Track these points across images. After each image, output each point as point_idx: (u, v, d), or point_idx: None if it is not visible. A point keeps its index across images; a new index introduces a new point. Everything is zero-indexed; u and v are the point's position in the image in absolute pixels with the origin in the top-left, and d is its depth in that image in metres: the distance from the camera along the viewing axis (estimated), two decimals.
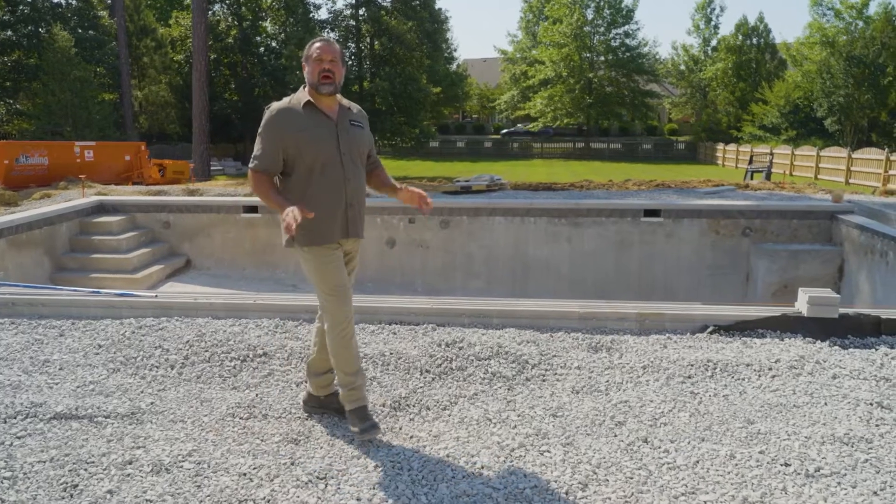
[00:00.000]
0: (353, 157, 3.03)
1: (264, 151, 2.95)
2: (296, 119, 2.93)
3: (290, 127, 2.92)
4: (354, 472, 2.68)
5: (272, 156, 2.94)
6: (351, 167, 3.01)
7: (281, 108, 2.96)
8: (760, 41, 41.27)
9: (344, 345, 2.99)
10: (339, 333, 2.99)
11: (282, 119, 2.93)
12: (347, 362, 3.01)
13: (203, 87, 21.02)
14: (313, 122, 2.94)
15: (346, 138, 3.00)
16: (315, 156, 2.93)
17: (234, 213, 10.80)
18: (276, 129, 2.93)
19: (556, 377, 3.59)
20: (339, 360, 3.01)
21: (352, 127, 3.04)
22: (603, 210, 10.19)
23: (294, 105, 2.96)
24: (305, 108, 2.95)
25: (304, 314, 4.55)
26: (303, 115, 2.94)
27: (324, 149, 2.94)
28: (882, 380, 3.45)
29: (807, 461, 2.67)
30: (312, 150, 2.93)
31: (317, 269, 3.01)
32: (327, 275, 2.99)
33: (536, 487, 2.54)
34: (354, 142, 3.04)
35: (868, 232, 8.78)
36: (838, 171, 22.61)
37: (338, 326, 2.99)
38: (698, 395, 3.31)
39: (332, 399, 3.25)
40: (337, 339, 2.99)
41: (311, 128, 2.93)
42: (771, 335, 4.19)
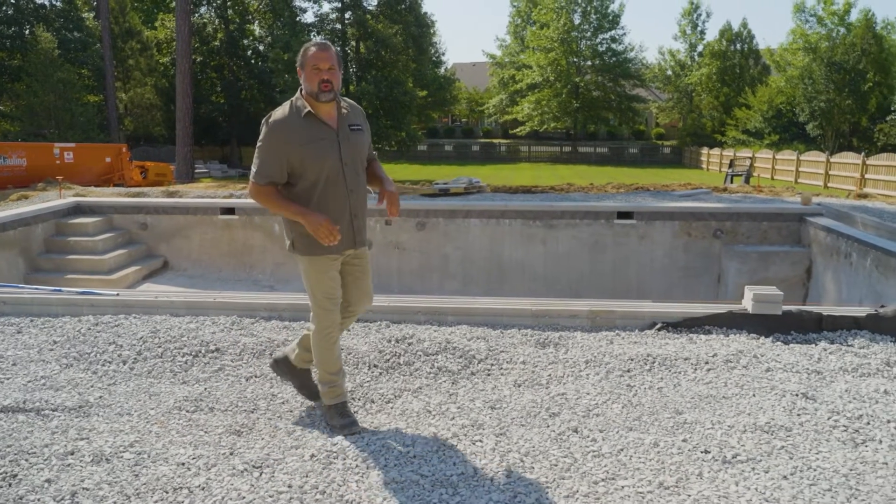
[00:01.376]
0: (355, 167, 3.03)
1: (267, 164, 2.91)
2: (298, 132, 2.89)
3: (293, 140, 2.88)
4: (290, 462, 2.76)
5: (276, 168, 2.91)
6: (353, 177, 3.02)
7: (281, 119, 2.91)
8: (744, 47, 41.70)
9: (328, 348, 3.10)
10: (325, 338, 3.09)
11: (283, 132, 2.89)
12: (330, 363, 3.12)
13: (187, 89, 21.03)
14: (316, 134, 2.91)
15: (347, 147, 2.99)
16: (319, 170, 2.92)
17: (212, 215, 10.85)
18: (278, 143, 2.89)
19: (501, 371, 3.68)
20: (323, 360, 3.11)
21: (352, 133, 3.02)
22: (577, 212, 10.30)
23: (294, 116, 2.91)
24: (306, 119, 2.91)
25: (262, 311, 4.62)
26: (304, 126, 2.90)
27: (327, 163, 2.92)
28: (814, 373, 3.57)
29: (726, 448, 2.78)
30: (317, 164, 2.91)
31: (314, 278, 3.06)
32: (323, 285, 3.05)
33: (463, 475, 2.63)
34: (356, 149, 3.03)
35: (834, 234, 8.93)
36: (817, 174, 22.90)
37: (324, 331, 3.09)
38: (634, 387, 3.41)
39: (304, 374, 3.36)
40: (322, 343, 3.10)
41: (313, 141, 2.90)
42: (717, 331, 4.31)
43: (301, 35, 27.01)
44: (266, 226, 10.75)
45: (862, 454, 2.73)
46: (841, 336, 4.22)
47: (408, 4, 27.76)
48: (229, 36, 34.44)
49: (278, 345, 3.99)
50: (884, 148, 27.08)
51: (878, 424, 2.96)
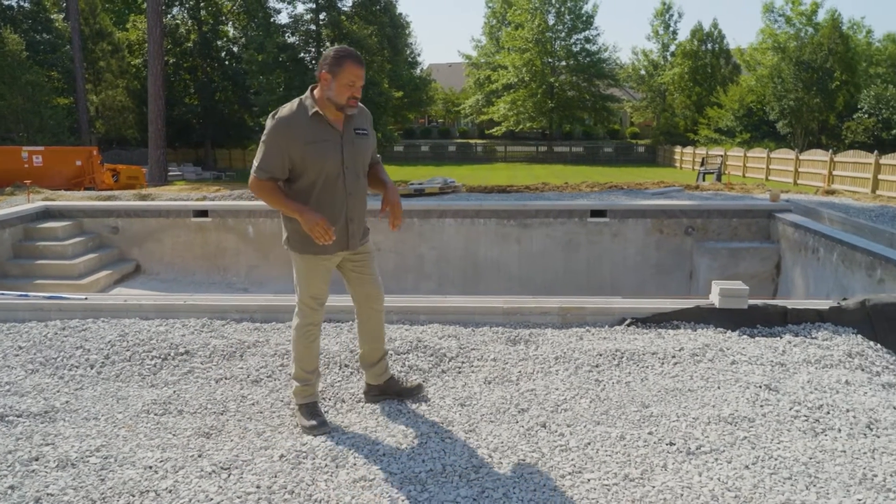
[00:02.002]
0: (356, 170, 3.04)
1: (270, 159, 2.91)
2: (303, 130, 2.89)
3: (297, 138, 2.88)
4: (259, 462, 2.75)
5: (278, 164, 2.92)
6: (353, 181, 3.03)
7: (288, 117, 2.91)
8: (715, 47, 42.31)
9: (307, 345, 3.13)
10: (306, 335, 3.13)
11: (288, 129, 2.89)
12: (307, 361, 3.14)
13: (159, 91, 20.77)
14: (320, 134, 2.92)
15: (350, 151, 2.99)
16: (319, 170, 2.93)
17: (184, 218, 10.74)
18: (282, 139, 2.89)
19: (472, 369, 3.70)
20: (300, 357, 3.14)
21: (357, 137, 3.02)
22: (551, 211, 10.37)
23: (301, 114, 2.91)
24: (313, 119, 2.91)
25: (233, 313, 4.59)
26: (310, 125, 2.91)
27: (328, 163, 2.93)
28: (778, 365, 3.64)
29: (690, 440, 2.83)
30: (317, 164, 2.92)
31: (304, 275, 3.09)
32: (312, 284, 3.09)
33: (432, 471, 2.64)
34: (359, 153, 3.04)
35: (801, 229, 9.11)
36: (787, 171, 23.31)
37: (304, 328, 3.13)
38: (602, 382, 3.46)
39: (391, 384, 3.38)
40: (302, 339, 3.13)
41: (317, 141, 2.90)
42: (685, 326, 4.37)
43: (275, 36, 26.82)
44: (240, 228, 10.67)
45: (821, 443, 2.80)
46: (805, 329, 4.30)
47: (382, 5, 27.72)
48: (202, 37, 34.09)
49: (249, 346, 3.97)
50: (851, 145, 27.65)
51: (837, 414, 3.03)
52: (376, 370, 3.35)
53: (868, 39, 44.75)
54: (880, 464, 2.63)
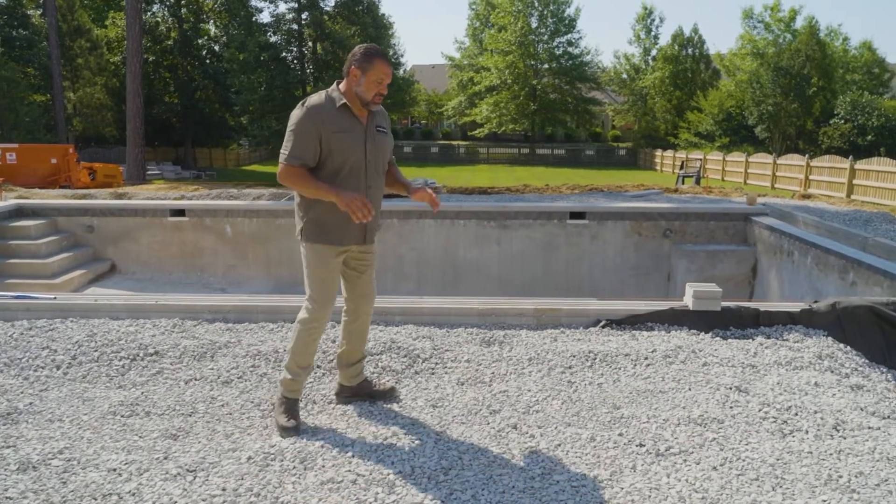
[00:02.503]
0: (376, 165, 3.07)
1: (300, 145, 2.92)
2: (332, 118, 2.93)
3: (327, 125, 2.91)
4: (226, 465, 2.71)
5: (310, 150, 2.93)
6: (373, 174, 3.06)
7: (318, 104, 2.94)
8: (695, 51, 42.73)
9: (308, 341, 3.10)
10: (309, 329, 3.09)
11: (319, 115, 2.91)
12: (304, 356, 3.11)
13: (137, 89, 20.52)
14: (347, 125, 2.95)
15: (372, 145, 3.03)
16: (344, 159, 2.95)
17: (161, 217, 10.61)
18: (313, 125, 2.91)
19: (445, 370, 3.69)
20: (298, 351, 3.10)
21: (378, 133, 3.07)
22: (530, 213, 10.40)
23: (329, 105, 2.95)
24: (340, 110, 2.95)
25: (205, 314, 4.53)
26: (338, 115, 2.94)
27: (352, 154, 2.96)
28: (748, 367, 3.67)
29: (660, 441, 2.83)
30: (342, 153, 2.94)
31: (315, 267, 3.06)
32: (321, 277, 3.06)
33: (401, 473, 2.62)
34: (380, 149, 3.08)
35: (777, 233, 9.21)
36: (765, 176, 23.58)
37: (311, 323, 3.08)
38: (574, 383, 3.46)
39: (363, 386, 3.35)
40: (305, 333, 3.09)
41: (345, 130, 2.94)
42: (659, 328, 4.39)
43: (257, 35, 26.63)
44: (217, 227, 10.56)
45: (789, 444, 2.82)
46: (777, 331, 4.34)
47: (365, 6, 27.64)
48: (183, 35, 33.76)
49: (220, 347, 3.92)
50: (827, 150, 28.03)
51: (805, 415, 3.06)
52: (352, 371, 3.33)
53: (845, 46, 45.42)
54: (845, 465, 2.65)
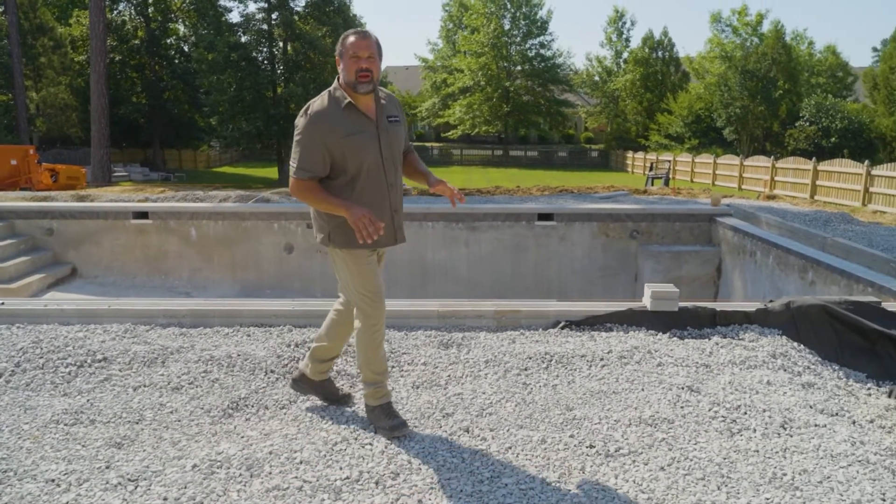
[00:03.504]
0: (394, 161, 2.96)
1: (309, 157, 2.81)
2: (338, 123, 2.81)
3: (334, 132, 2.80)
4: (170, 473, 2.65)
5: (319, 161, 2.82)
6: (392, 171, 2.95)
7: (322, 111, 2.82)
8: (665, 54, 43.26)
9: (375, 346, 2.97)
10: (372, 334, 2.96)
11: (324, 123, 2.80)
12: (377, 362, 3.00)
13: (102, 89, 20.14)
14: (356, 126, 2.83)
15: (386, 140, 2.91)
16: (360, 163, 2.84)
17: (124, 220, 10.43)
18: (318, 134, 2.80)
19: (401, 373, 3.66)
20: (370, 359, 2.98)
21: (390, 125, 2.94)
22: (499, 214, 10.41)
23: (334, 107, 2.83)
24: (347, 111, 2.83)
25: (160, 318, 4.45)
26: (345, 117, 2.82)
27: (368, 156, 2.85)
28: (702, 366, 3.70)
29: (610, 442, 2.84)
30: (357, 157, 2.83)
31: (354, 272, 2.94)
32: (365, 279, 2.94)
33: (348, 479, 2.59)
34: (394, 141, 2.96)
35: (740, 233, 9.35)
36: (733, 177, 23.95)
37: (372, 328, 2.96)
38: (529, 385, 3.45)
39: (325, 385, 3.28)
40: (369, 340, 2.96)
41: (354, 133, 2.82)
42: (618, 328, 4.41)
43: (226, 35, 26.30)
44: (182, 230, 10.40)
45: (736, 443, 2.84)
46: (733, 330, 4.39)
47: (336, 6, 27.46)
48: (150, 34, 33.24)
49: (172, 352, 3.84)
50: (793, 152, 28.56)
51: (754, 414, 3.09)
52: (322, 367, 3.25)
53: (810, 50, 46.42)
54: (790, 463, 2.68)
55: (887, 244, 7.67)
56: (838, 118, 30.32)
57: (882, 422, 3.42)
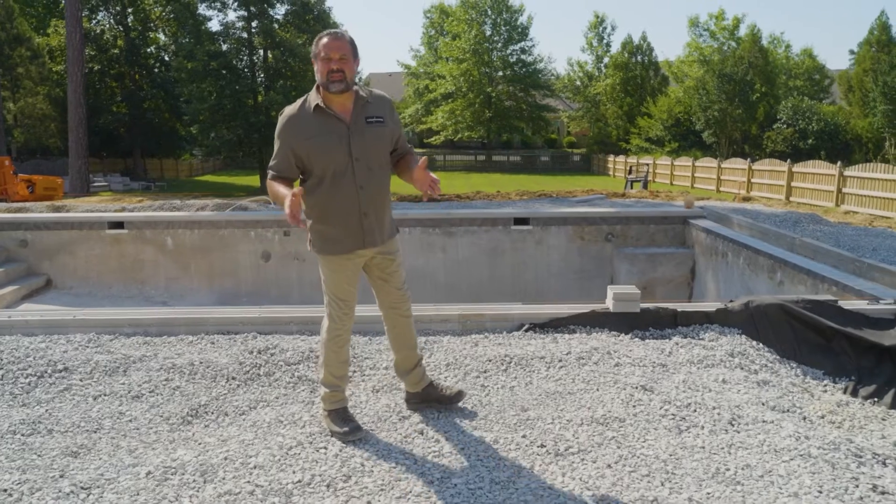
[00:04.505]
0: (368, 163, 2.94)
1: (277, 158, 2.95)
2: (305, 126, 2.87)
3: (299, 134, 2.87)
4: (123, 481, 2.67)
5: (284, 162, 2.93)
6: (365, 174, 2.93)
7: (291, 115, 2.91)
8: (645, 59, 43.68)
9: (335, 350, 3.06)
10: (333, 339, 3.06)
11: (291, 126, 2.89)
12: (336, 366, 3.07)
13: (79, 99, 20.03)
14: (324, 128, 2.87)
15: (359, 142, 2.90)
16: (325, 165, 2.89)
17: (99, 230, 10.38)
18: (285, 137, 2.90)
19: (362, 378, 3.69)
20: (329, 362, 3.06)
21: (368, 126, 2.93)
22: (475, 219, 10.48)
23: (304, 110, 2.90)
24: (316, 113, 2.88)
25: (125, 328, 4.45)
26: (313, 120, 2.87)
27: (334, 157, 2.88)
28: (659, 366, 3.76)
29: (560, 442, 2.89)
30: (322, 159, 2.88)
31: (329, 277, 3.05)
32: (336, 286, 3.04)
33: (300, 482, 2.62)
34: (372, 143, 2.94)
35: (712, 235, 9.47)
36: (710, 179, 24.21)
37: (333, 332, 3.06)
38: (487, 387, 3.50)
39: (430, 390, 3.28)
40: (330, 344, 3.06)
41: (320, 135, 2.86)
42: (581, 330, 4.47)
43: (206, 44, 26.24)
44: (158, 240, 10.37)
45: (684, 440, 2.91)
46: (693, 330, 4.47)
47: (316, 14, 27.50)
48: (130, 44, 33.08)
49: (134, 361, 3.86)
50: (771, 154, 28.94)
51: (703, 411, 3.16)
52: (413, 377, 3.27)
53: (787, 53, 47.08)
54: (734, 458, 2.75)
55: (853, 244, 7.81)
56: (815, 120, 30.77)
57: (833, 417, 3.51)
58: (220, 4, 27.24)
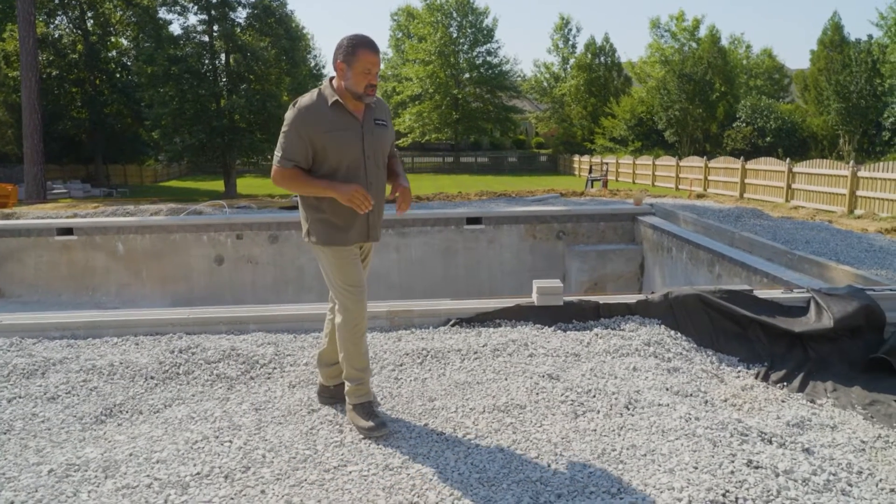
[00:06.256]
0: (376, 160, 3.03)
1: (292, 148, 2.90)
2: (323, 118, 2.90)
3: (318, 126, 2.89)
4: (24, 479, 2.70)
5: (301, 152, 2.91)
6: (374, 170, 3.02)
7: (309, 105, 2.92)
8: (608, 60, 44.30)
9: (355, 341, 3.03)
10: (353, 330, 3.03)
11: (309, 117, 2.89)
12: (357, 358, 3.05)
13: (34, 104, 19.70)
14: (341, 122, 2.92)
15: (370, 140, 2.99)
16: (340, 158, 2.92)
17: (47, 236, 10.26)
18: (303, 127, 2.89)
19: (282, 374, 3.76)
20: (350, 355, 3.05)
21: (377, 127, 3.02)
22: (427, 220, 10.58)
23: (321, 103, 2.92)
24: (333, 108, 2.92)
25: (52, 331, 4.45)
26: (330, 113, 2.91)
27: (349, 151, 2.93)
28: (572, 356, 3.89)
29: (460, 429, 2.99)
30: (338, 152, 2.91)
31: (335, 267, 3.03)
32: (345, 273, 3.02)
33: (199, 474, 2.68)
34: (379, 143, 3.03)
35: (658, 231, 9.70)
36: (670, 178, 24.65)
37: (351, 322, 3.02)
38: (400, 380, 3.59)
39: (341, 389, 3.28)
40: (349, 335, 3.02)
41: (338, 129, 2.91)
42: (506, 324, 4.59)
43: (166, 48, 25.96)
44: (108, 246, 10.28)
45: (578, 424, 3.03)
46: (615, 321, 4.61)
47: (278, 17, 27.37)
48: (90, 48, 32.55)
49: (55, 363, 3.87)
50: (731, 152, 29.54)
51: (602, 397, 3.28)
52: (332, 371, 3.31)
53: (748, 54, 48.08)
54: (622, 439, 2.87)
55: (789, 237, 8.06)
56: (772, 118, 31.50)
57: (735, 400, 3.66)
58: (181, 8, 26.99)
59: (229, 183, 27.66)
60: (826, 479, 2.64)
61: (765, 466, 2.67)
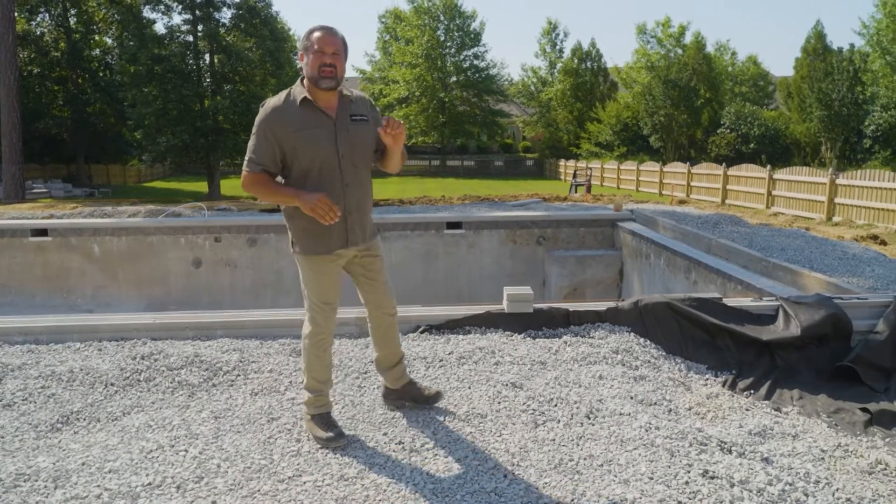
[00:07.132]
0: (353, 160, 2.91)
1: (260, 151, 2.82)
2: (292, 117, 2.80)
3: (286, 126, 2.79)
4: None
5: (269, 155, 2.82)
6: (350, 171, 2.91)
7: (275, 106, 2.83)
8: (594, 65, 44.52)
9: (318, 354, 3.03)
10: (317, 343, 3.02)
11: (276, 117, 2.80)
12: (319, 370, 3.04)
13: (13, 103, 19.48)
14: (311, 121, 2.82)
15: (345, 138, 2.87)
16: (311, 159, 2.82)
17: (21, 237, 10.13)
18: (270, 128, 2.80)
19: (245, 381, 3.72)
20: (311, 366, 3.03)
21: (353, 124, 2.90)
22: (408, 224, 10.56)
23: (289, 102, 2.83)
24: (302, 106, 2.82)
25: (14, 336, 4.38)
26: (299, 113, 2.82)
27: (321, 151, 2.82)
28: (538, 364, 3.88)
29: (418, 439, 2.97)
30: (309, 152, 2.81)
31: (312, 280, 2.98)
32: (318, 287, 2.97)
33: (150, 484, 2.64)
34: (356, 141, 2.91)
35: (637, 237, 9.74)
36: (654, 183, 24.79)
37: (317, 336, 3.02)
38: (364, 388, 3.57)
39: (408, 388, 3.30)
40: (313, 347, 3.02)
41: (308, 128, 2.80)
42: (476, 331, 4.57)
43: (150, 47, 25.77)
44: (84, 247, 10.17)
45: (538, 434, 3.01)
46: (584, 329, 4.61)
47: (263, 18, 27.25)
48: (72, 46, 32.25)
49: (13, 369, 3.81)
50: (716, 158, 29.77)
51: (563, 406, 3.27)
52: (394, 374, 3.29)
53: (733, 61, 48.51)
54: (581, 449, 2.87)
55: (765, 244, 8.11)
56: (756, 125, 31.77)
57: (699, 409, 3.67)
58: (165, 7, 26.79)
59: (213, 184, 27.48)
60: (782, 488, 2.65)
61: (720, 476, 2.67)
